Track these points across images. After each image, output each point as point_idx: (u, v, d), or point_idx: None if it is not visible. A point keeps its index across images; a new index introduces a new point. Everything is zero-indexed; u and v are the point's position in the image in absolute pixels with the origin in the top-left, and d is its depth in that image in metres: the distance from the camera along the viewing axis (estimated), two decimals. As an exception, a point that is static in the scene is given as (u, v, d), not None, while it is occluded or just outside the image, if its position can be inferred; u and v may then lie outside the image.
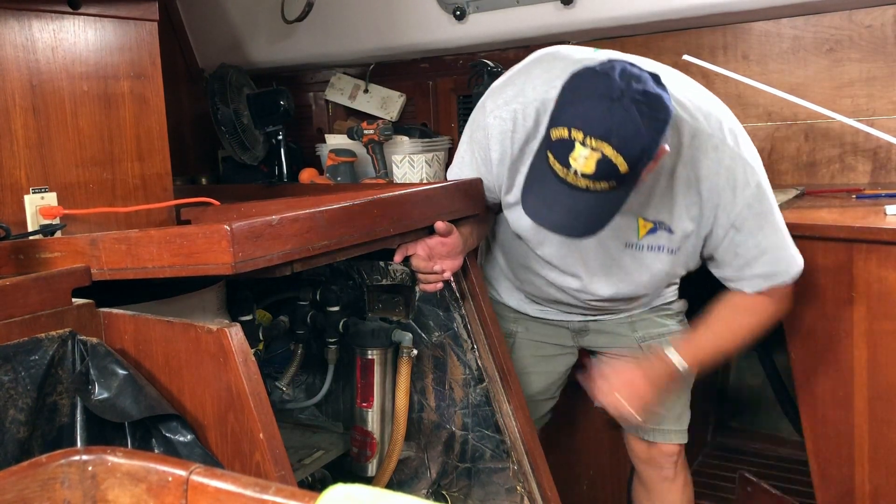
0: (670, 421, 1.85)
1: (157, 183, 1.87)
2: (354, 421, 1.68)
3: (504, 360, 1.66)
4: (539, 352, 1.89)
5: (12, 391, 1.08)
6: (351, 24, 2.75)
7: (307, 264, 1.28)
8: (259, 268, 1.17)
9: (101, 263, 1.25)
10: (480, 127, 1.60)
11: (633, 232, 1.59)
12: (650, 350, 1.75)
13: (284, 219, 1.20)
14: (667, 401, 1.78)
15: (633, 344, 1.82)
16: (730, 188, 1.50)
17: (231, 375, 1.14)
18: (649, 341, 1.81)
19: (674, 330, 1.83)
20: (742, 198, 1.51)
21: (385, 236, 1.42)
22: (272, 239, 1.18)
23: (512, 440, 1.64)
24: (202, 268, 1.15)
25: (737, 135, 1.54)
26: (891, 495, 1.77)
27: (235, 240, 1.12)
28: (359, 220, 1.35)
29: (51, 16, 1.66)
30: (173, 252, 1.17)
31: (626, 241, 1.60)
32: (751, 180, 1.51)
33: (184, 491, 0.69)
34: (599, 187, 1.29)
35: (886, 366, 1.73)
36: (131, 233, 1.23)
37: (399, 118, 2.88)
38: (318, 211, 1.26)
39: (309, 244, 1.24)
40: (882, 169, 2.29)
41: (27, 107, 1.62)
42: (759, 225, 1.54)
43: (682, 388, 1.85)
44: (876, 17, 2.25)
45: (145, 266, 1.20)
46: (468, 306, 1.64)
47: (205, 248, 1.14)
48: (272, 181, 2.81)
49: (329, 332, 1.67)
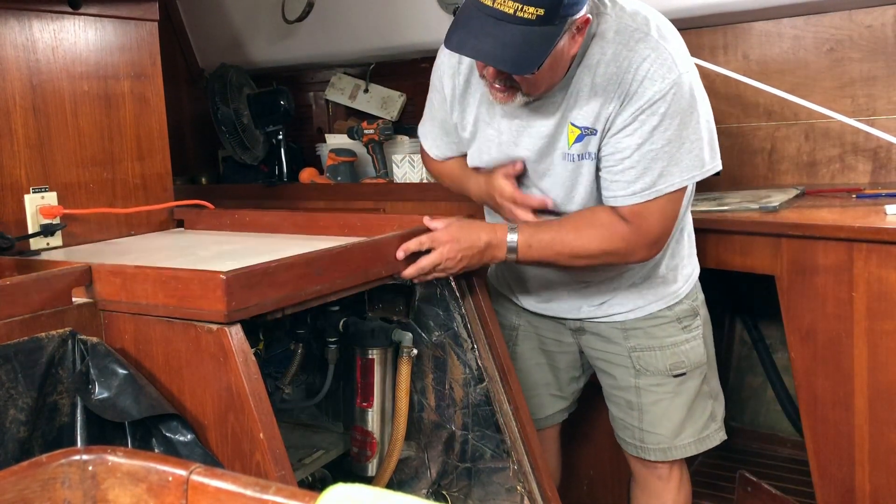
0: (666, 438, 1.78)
1: (157, 183, 1.88)
2: (354, 421, 1.68)
3: (504, 359, 1.66)
4: (542, 345, 1.87)
5: (12, 391, 1.08)
6: (351, 24, 2.75)
7: (299, 307, 1.29)
8: (252, 315, 1.18)
9: (99, 294, 1.25)
10: (434, 70, 1.70)
11: (565, 141, 1.55)
12: None
13: (279, 266, 1.21)
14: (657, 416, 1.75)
15: (624, 353, 1.75)
16: (641, 79, 1.44)
17: (231, 375, 1.14)
18: (639, 353, 1.74)
19: (670, 342, 1.73)
20: (651, 91, 1.44)
21: (378, 277, 1.44)
22: (266, 287, 1.19)
23: (512, 440, 1.64)
24: (195, 312, 1.16)
25: (662, 30, 1.49)
26: (891, 495, 1.77)
27: (230, 289, 1.13)
28: (354, 263, 1.36)
29: (51, 16, 1.66)
30: (167, 293, 1.18)
31: (563, 152, 1.56)
32: (668, 76, 1.44)
33: (184, 491, 0.69)
34: (528, 14, 1.31)
35: (886, 366, 1.73)
36: (127, 267, 1.23)
37: (399, 118, 2.88)
38: (311, 257, 1.27)
39: (302, 290, 1.26)
40: (882, 169, 2.29)
41: (27, 106, 1.62)
42: (656, 126, 1.45)
43: (681, 401, 1.76)
44: (876, 17, 2.25)
45: (138, 301, 1.21)
46: (468, 306, 1.64)
47: (199, 294, 1.15)
48: (272, 181, 2.82)
49: (329, 332, 1.67)
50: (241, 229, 1.83)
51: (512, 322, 1.88)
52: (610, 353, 1.78)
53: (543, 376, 1.89)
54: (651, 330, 1.74)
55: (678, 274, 1.73)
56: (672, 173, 1.49)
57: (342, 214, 1.76)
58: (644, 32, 1.47)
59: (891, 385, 1.73)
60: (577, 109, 1.52)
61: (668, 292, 1.73)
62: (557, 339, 1.86)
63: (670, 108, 1.45)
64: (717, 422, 1.82)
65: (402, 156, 2.58)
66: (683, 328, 1.75)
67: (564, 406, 1.94)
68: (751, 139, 2.50)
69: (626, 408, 1.79)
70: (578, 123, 1.52)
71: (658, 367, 1.74)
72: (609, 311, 1.74)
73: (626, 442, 1.82)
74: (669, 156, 1.48)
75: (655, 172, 1.48)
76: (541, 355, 1.88)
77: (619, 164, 1.50)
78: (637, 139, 1.47)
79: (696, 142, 1.49)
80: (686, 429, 1.77)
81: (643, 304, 1.73)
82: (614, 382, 1.80)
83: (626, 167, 1.50)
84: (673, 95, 1.45)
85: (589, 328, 1.80)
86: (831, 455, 1.84)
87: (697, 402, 1.78)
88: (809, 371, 1.85)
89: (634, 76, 1.45)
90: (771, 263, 1.90)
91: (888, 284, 1.70)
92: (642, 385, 1.75)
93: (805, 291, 1.83)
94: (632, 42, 1.46)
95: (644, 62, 1.45)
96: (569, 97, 1.52)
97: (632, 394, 1.77)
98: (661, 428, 1.76)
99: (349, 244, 1.37)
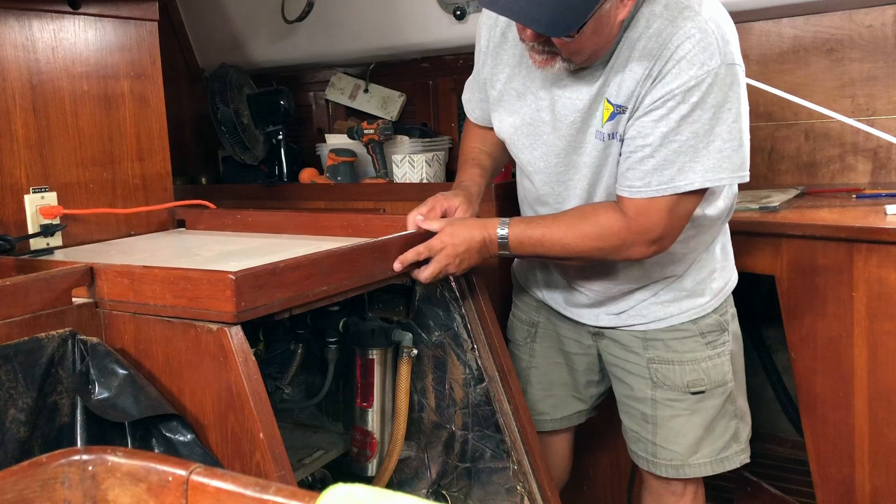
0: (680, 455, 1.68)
1: (157, 183, 1.88)
2: (354, 421, 1.68)
3: (504, 359, 1.66)
4: (561, 345, 1.81)
5: (12, 391, 1.08)
6: (351, 24, 2.75)
7: (305, 308, 1.29)
8: (260, 315, 1.18)
9: (103, 294, 1.25)
10: (478, 28, 1.63)
11: (599, 117, 1.45)
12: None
13: (287, 266, 1.21)
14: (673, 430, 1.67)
15: (642, 363, 1.67)
16: (679, 59, 1.33)
17: (231, 375, 1.14)
18: (657, 365, 1.65)
19: (690, 358, 1.64)
20: (687, 75, 1.33)
21: (384, 278, 1.44)
22: (274, 287, 1.19)
23: (512, 440, 1.64)
24: (204, 312, 1.16)
25: (716, 15, 1.37)
26: (891, 495, 1.77)
27: (239, 289, 1.13)
28: (359, 263, 1.36)
29: (51, 16, 1.66)
30: (176, 294, 1.18)
31: (596, 129, 1.46)
32: (708, 62, 1.32)
33: (184, 491, 0.69)
34: None
35: (886, 366, 1.73)
36: (135, 268, 1.23)
37: (399, 118, 2.88)
38: (318, 257, 1.27)
39: (309, 290, 1.26)
40: (882, 169, 2.29)
41: (27, 107, 1.62)
42: (685, 115, 1.34)
43: (698, 419, 1.66)
44: (876, 17, 2.25)
45: (146, 303, 1.21)
46: (468, 306, 1.64)
47: (208, 294, 1.15)
48: (272, 181, 2.81)
49: (329, 332, 1.67)
50: (242, 230, 1.83)
51: (532, 318, 1.83)
52: (628, 362, 1.70)
53: (561, 376, 1.83)
54: (672, 342, 1.65)
55: (706, 288, 1.64)
56: (693, 170, 1.37)
57: (345, 215, 1.76)
58: (695, 11, 1.35)
59: (891, 385, 1.73)
60: (615, 85, 1.42)
61: (694, 305, 1.64)
62: (577, 339, 1.79)
63: (704, 99, 1.34)
64: (739, 443, 1.71)
65: (402, 156, 2.58)
66: (707, 343, 1.65)
67: (583, 409, 1.86)
68: (751, 139, 2.50)
69: (641, 420, 1.71)
70: (613, 101, 1.42)
71: (675, 382, 1.65)
72: (629, 321, 1.68)
73: (638, 455, 1.74)
74: (695, 151, 1.36)
75: (675, 167, 1.37)
76: (559, 355, 1.82)
77: (639, 150, 1.39)
78: (663, 127, 1.36)
79: (729, 142, 1.37)
80: (703, 448, 1.67)
81: (664, 315, 1.65)
82: (630, 393, 1.72)
83: (646, 155, 1.39)
84: (709, 85, 1.33)
85: (608, 334, 1.73)
86: (831, 455, 1.84)
87: (718, 421, 1.67)
88: (809, 371, 1.85)
89: (673, 55, 1.34)
90: (771, 263, 1.90)
91: (888, 284, 1.70)
92: (659, 398, 1.67)
93: (805, 292, 1.83)
94: (679, 19, 1.34)
95: (686, 41, 1.33)
96: (609, 70, 1.41)
97: (648, 406, 1.69)
98: (676, 444, 1.67)
99: (355, 245, 1.37)
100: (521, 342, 1.86)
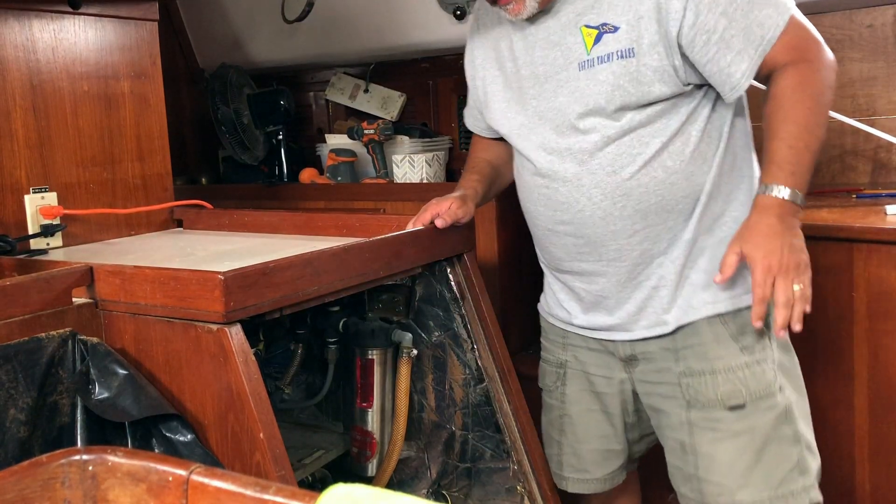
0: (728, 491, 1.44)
1: (157, 183, 1.88)
2: (354, 421, 1.68)
3: (504, 359, 1.66)
4: (591, 386, 1.61)
5: (13, 391, 1.08)
6: (351, 24, 2.75)
7: (296, 307, 1.30)
8: (250, 315, 1.19)
9: (102, 294, 1.26)
10: (465, 68, 1.69)
11: (581, 47, 1.41)
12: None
13: (277, 266, 1.21)
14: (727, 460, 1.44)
15: (674, 380, 1.46)
16: None
17: (231, 375, 1.14)
18: (689, 378, 1.44)
19: (722, 366, 1.42)
20: None
21: (375, 278, 1.44)
22: (264, 287, 1.19)
23: (512, 440, 1.64)
24: (193, 312, 1.17)
25: None
26: (891, 495, 1.77)
27: (228, 289, 1.13)
28: (350, 264, 1.36)
29: (51, 16, 1.67)
30: (166, 294, 1.19)
31: (579, 62, 1.42)
32: None
33: (184, 491, 0.69)
34: None
35: (886, 366, 1.73)
36: (126, 267, 1.23)
37: (399, 118, 2.88)
38: (309, 257, 1.28)
39: (300, 290, 1.26)
40: (882, 169, 2.29)
41: (27, 107, 1.62)
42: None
43: (744, 442, 1.43)
44: (876, 17, 2.25)
45: (138, 302, 1.22)
46: (468, 306, 1.64)
47: (197, 294, 1.15)
48: (272, 181, 2.81)
49: (329, 332, 1.67)
50: (240, 229, 1.83)
51: (559, 358, 1.65)
52: (661, 384, 1.49)
53: (598, 427, 1.61)
54: (703, 349, 1.44)
55: (738, 275, 1.38)
56: (769, 15, 1.34)
57: (341, 215, 1.77)
58: None
59: (891, 385, 1.73)
60: (593, 11, 1.40)
61: (724, 297, 1.43)
62: (607, 375, 1.58)
63: None
64: (807, 477, 1.44)
65: (402, 156, 2.58)
66: (742, 348, 1.42)
67: (619, 464, 1.63)
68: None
69: (680, 452, 1.48)
70: (592, 24, 1.39)
71: (709, 397, 1.43)
72: (653, 316, 1.47)
73: (688, 498, 1.49)
74: (751, 3, 1.33)
75: (759, 19, 1.34)
76: (592, 399, 1.61)
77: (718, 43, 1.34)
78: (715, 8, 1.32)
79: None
80: (754, 479, 1.41)
81: (693, 299, 1.44)
82: (666, 420, 1.50)
83: (729, 37, 1.33)
84: None
85: (640, 354, 1.51)
86: (831, 455, 1.84)
87: (773, 446, 1.42)
88: (809, 371, 1.85)
89: None
90: (771, 263, 1.90)
91: (888, 284, 1.70)
92: (695, 419, 1.45)
93: (805, 291, 1.83)
94: None
95: None
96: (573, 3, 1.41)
97: (684, 432, 1.46)
98: (719, 475, 1.43)
99: (347, 244, 1.37)
100: (551, 387, 1.68)
